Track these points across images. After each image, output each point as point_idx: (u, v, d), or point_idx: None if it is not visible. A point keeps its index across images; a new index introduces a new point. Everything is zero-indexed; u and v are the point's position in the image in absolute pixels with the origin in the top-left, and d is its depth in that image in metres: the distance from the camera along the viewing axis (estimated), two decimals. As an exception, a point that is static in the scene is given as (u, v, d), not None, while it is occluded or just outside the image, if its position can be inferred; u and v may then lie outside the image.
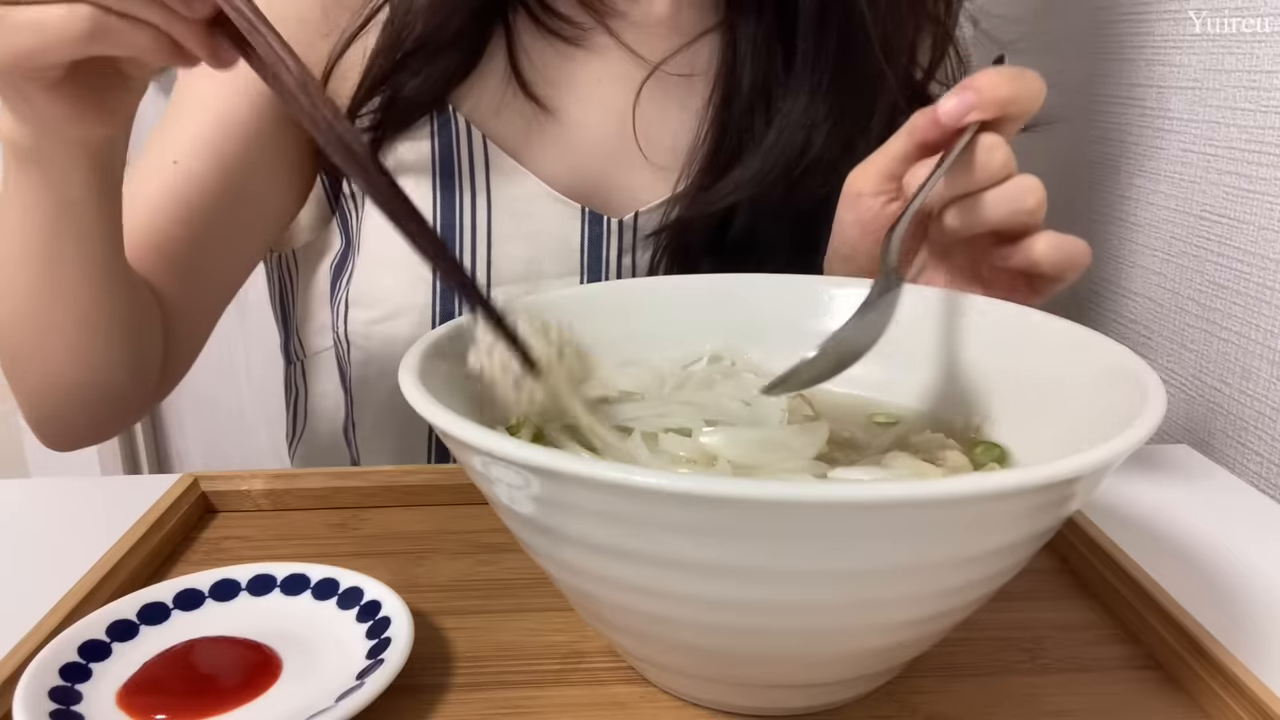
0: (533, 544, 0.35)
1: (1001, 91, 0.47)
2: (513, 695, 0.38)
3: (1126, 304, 0.81)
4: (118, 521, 0.49)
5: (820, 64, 0.65)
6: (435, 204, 0.65)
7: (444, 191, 0.65)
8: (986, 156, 0.47)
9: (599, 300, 0.49)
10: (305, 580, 0.43)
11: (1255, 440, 0.65)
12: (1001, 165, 0.47)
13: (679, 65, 0.67)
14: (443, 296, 0.66)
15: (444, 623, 0.43)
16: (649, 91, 0.67)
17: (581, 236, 0.67)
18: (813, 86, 0.65)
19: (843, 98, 0.65)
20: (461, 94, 0.65)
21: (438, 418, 0.33)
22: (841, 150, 0.64)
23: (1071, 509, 0.33)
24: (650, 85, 0.66)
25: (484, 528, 0.50)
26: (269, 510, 0.54)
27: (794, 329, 0.49)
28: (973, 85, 0.47)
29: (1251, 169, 0.65)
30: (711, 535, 0.29)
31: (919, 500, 0.28)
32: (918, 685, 0.39)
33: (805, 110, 0.65)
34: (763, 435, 0.40)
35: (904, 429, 0.44)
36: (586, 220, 0.67)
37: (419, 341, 0.40)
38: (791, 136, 0.65)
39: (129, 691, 0.36)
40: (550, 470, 0.29)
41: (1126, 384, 0.37)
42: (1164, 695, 0.39)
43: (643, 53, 0.66)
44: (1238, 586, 0.47)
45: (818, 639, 0.33)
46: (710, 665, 0.36)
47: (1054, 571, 0.47)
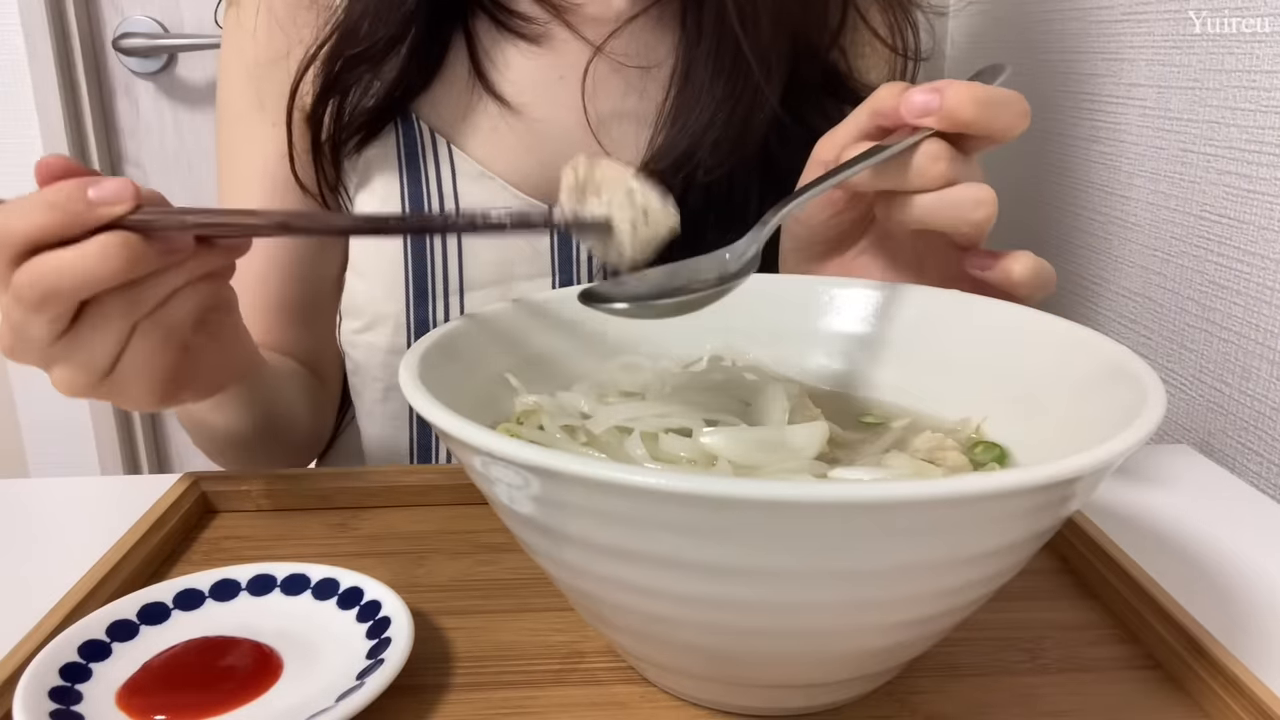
0: (533, 544, 0.35)
1: (965, 113, 0.45)
2: (513, 695, 0.38)
3: (1126, 304, 0.81)
4: (118, 521, 0.49)
5: (721, 46, 0.63)
6: (404, 212, 0.66)
7: (412, 200, 0.66)
8: (925, 163, 0.46)
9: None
10: (305, 580, 0.43)
11: (1255, 440, 0.65)
12: (937, 176, 0.46)
13: (639, 58, 0.66)
14: (416, 304, 0.66)
15: (444, 623, 0.43)
16: (610, 86, 0.66)
17: (551, 237, 0.67)
18: (713, 66, 0.64)
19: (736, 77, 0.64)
20: (426, 101, 0.66)
21: (438, 418, 0.33)
22: (740, 130, 0.64)
23: (1071, 509, 0.33)
24: (611, 80, 0.66)
25: (484, 528, 0.51)
26: (269, 510, 0.54)
27: (794, 329, 0.49)
28: (941, 91, 0.45)
29: (1251, 169, 0.65)
30: (711, 535, 0.29)
31: (919, 500, 0.28)
32: (918, 685, 0.39)
33: (711, 89, 0.64)
34: (763, 435, 0.40)
35: (904, 429, 0.44)
36: None
37: (419, 342, 0.40)
38: (708, 114, 0.64)
39: (129, 691, 0.36)
40: (550, 470, 0.29)
41: (1126, 384, 0.37)
42: (1164, 695, 0.39)
43: (604, 47, 0.66)
44: (1238, 586, 0.47)
45: (817, 639, 0.33)
46: (710, 665, 0.36)
47: (1054, 571, 0.47)
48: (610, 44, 0.66)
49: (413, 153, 0.66)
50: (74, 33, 1.32)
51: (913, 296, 0.48)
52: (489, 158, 0.66)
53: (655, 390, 0.45)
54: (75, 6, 1.32)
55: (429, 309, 0.67)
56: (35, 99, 1.31)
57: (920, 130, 0.46)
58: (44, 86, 1.31)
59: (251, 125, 0.68)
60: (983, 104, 0.45)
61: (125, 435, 1.46)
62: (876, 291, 0.48)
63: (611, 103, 0.67)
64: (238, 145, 0.70)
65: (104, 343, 0.42)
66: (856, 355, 0.48)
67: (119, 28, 1.35)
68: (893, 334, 0.48)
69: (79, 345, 0.42)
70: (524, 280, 0.67)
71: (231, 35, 0.69)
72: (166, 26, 1.36)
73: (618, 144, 0.67)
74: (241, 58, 0.68)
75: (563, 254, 0.67)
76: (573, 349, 0.47)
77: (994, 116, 0.46)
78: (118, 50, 1.35)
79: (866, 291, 0.49)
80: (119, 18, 1.36)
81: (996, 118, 0.46)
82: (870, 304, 0.48)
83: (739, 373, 0.47)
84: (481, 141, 0.66)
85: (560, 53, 0.66)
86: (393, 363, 0.68)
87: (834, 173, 0.46)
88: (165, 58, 1.37)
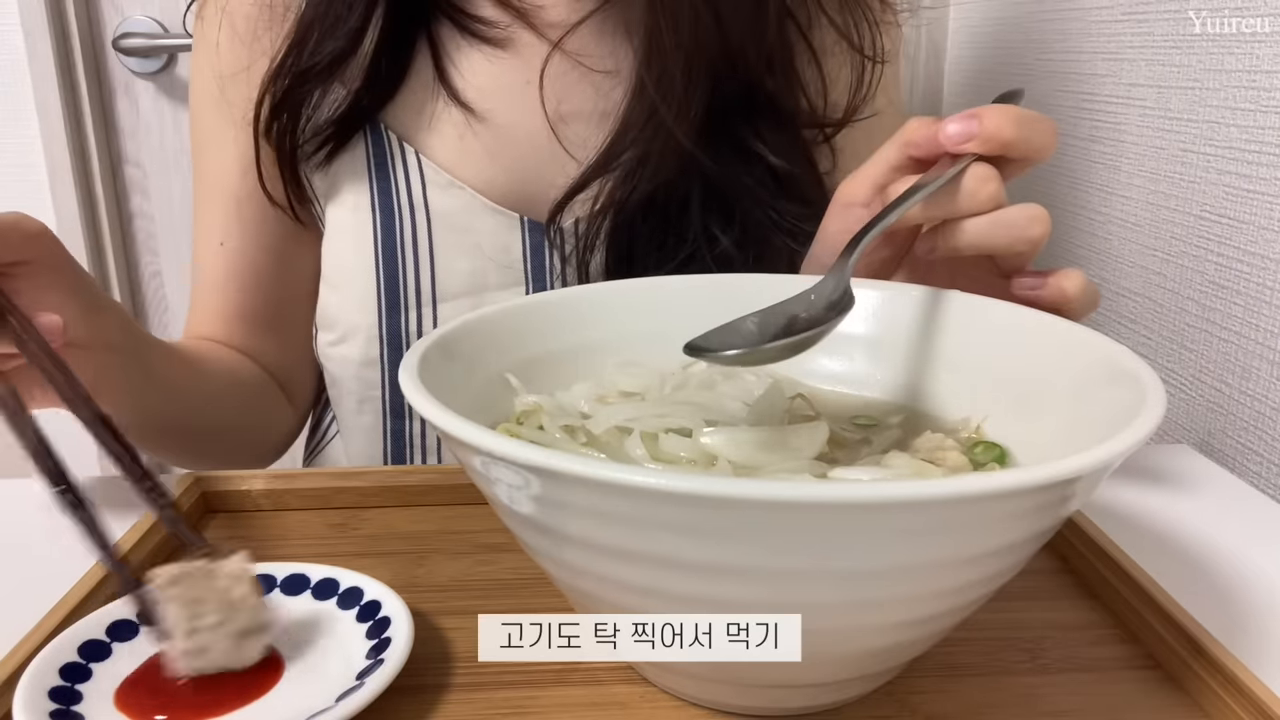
0: (533, 544, 0.35)
1: (1006, 133, 0.45)
2: (513, 695, 0.38)
3: (1126, 304, 0.81)
4: (118, 521, 0.49)
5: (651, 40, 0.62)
6: (375, 223, 0.66)
7: (383, 212, 0.66)
8: (976, 185, 0.45)
9: (600, 300, 0.49)
10: (305, 580, 0.43)
11: (1255, 440, 0.65)
12: (989, 197, 0.45)
13: (603, 62, 0.65)
14: (388, 315, 0.66)
15: (444, 623, 0.43)
16: (572, 88, 0.66)
17: (523, 246, 0.66)
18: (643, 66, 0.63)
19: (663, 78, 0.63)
20: (391, 110, 0.65)
21: (438, 418, 0.33)
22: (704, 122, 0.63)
23: (1071, 509, 0.33)
24: (577, 85, 0.65)
25: (484, 528, 0.50)
26: (269, 510, 0.54)
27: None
28: (978, 116, 0.46)
29: (1251, 169, 0.65)
30: (711, 535, 0.29)
31: (919, 500, 0.28)
32: (918, 685, 0.39)
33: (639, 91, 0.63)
34: (763, 435, 0.40)
35: (904, 429, 0.44)
36: (526, 229, 0.66)
37: (419, 342, 0.40)
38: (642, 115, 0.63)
39: (129, 691, 0.36)
40: (550, 470, 0.29)
41: (1126, 384, 0.37)
42: (1164, 695, 0.39)
43: (569, 50, 0.65)
44: (1238, 586, 0.47)
45: (817, 639, 0.33)
46: (710, 665, 0.35)
47: (1054, 571, 0.47)
48: (573, 45, 0.65)
49: (381, 162, 0.66)
50: (74, 33, 1.32)
51: (913, 296, 0.48)
52: (455, 165, 0.66)
53: (655, 390, 0.45)
54: (75, 6, 1.32)
55: (401, 320, 0.66)
56: (35, 99, 1.31)
57: (960, 159, 0.46)
58: (44, 86, 1.31)
59: (217, 138, 0.69)
60: (1020, 124, 0.45)
61: (125, 435, 1.46)
62: (877, 291, 0.48)
63: (573, 104, 0.66)
64: (206, 156, 0.70)
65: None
66: (856, 355, 0.48)
67: (119, 28, 1.35)
68: (893, 334, 0.48)
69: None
70: (496, 290, 0.66)
71: (198, 46, 0.70)
72: (166, 26, 1.36)
73: (575, 145, 0.66)
74: (206, 69, 0.68)
75: (535, 263, 0.67)
76: (573, 349, 0.47)
77: (1031, 135, 0.46)
78: (118, 50, 1.35)
79: (867, 292, 0.49)
80: (119, 18, 1.36)
81: (1034, 136, 0.46)
82: (870, 304, 0.48)
83: (739, 373, 0.47)
84: (448, 149, 0.66)
85: (524, 56, 0.66)
86: (366, 375, 0.68)
87: (891, 208, 0.45)
88: (165, 58, 1.37)
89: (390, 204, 0.66)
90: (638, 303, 0.49)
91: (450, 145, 0.66)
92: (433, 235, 0.66)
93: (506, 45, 0.66)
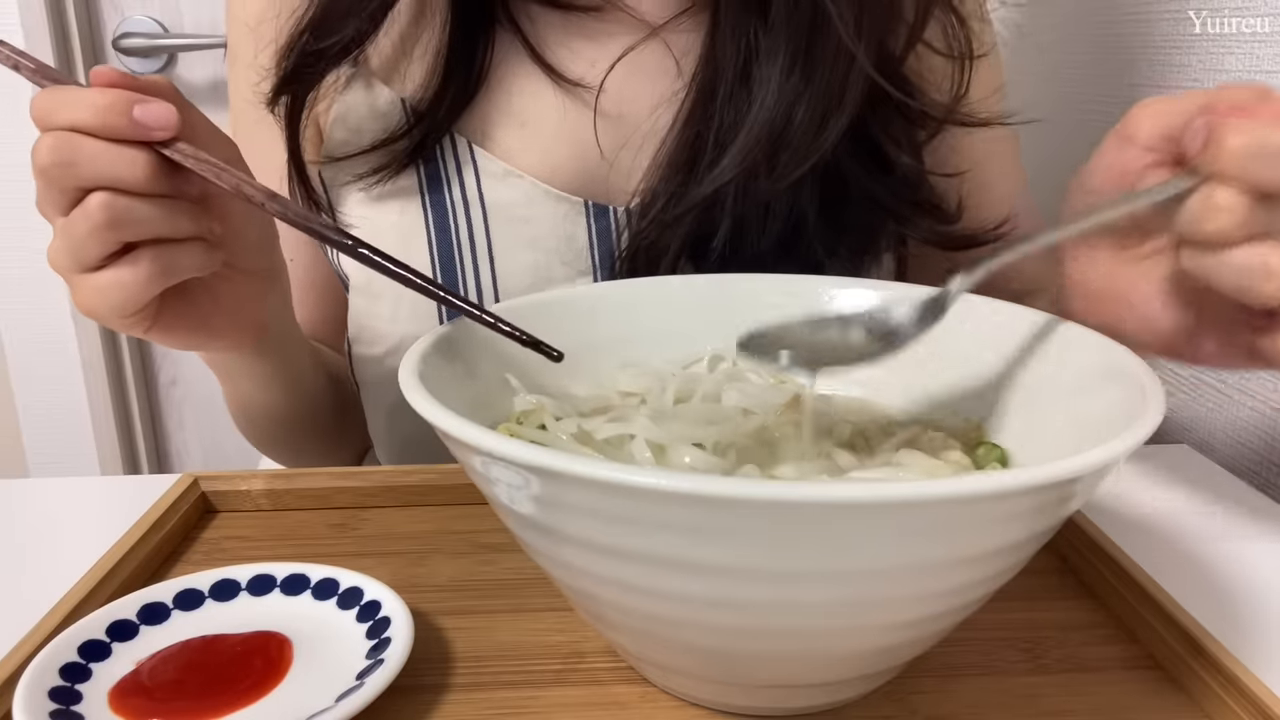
0: (533, 544, 0.35)
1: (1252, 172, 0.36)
2: (513, 695, 0.38)
3: (1126, 304, 0.80)
4: (118, 521, 0.49)
5: (795, 35, 0.59)
6: (428, 225, 0.62)
7: (434, 210, 0.62)
8: (1203, 212, 0.37)
9: (600, 299, 0.49)
10: (305, 580, 0.43)
11: (1255, 440, 0.65)
12: (1216, 231, 0.37)
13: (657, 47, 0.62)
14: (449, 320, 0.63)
15: (444, 623, 0.43)
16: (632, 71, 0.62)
17: (589, 232, 0.62)
18: (790, 58, 0.59)
19: (816, 69, 0.59)
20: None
21: (438, 418, 0.33)
22: (817, 129, 0.59)
23: (1071, 509, 0.33)
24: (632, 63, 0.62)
25: (484, 528, 0.51)
26: (269, 510, 0.54)
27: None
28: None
29: (1251, 169, 0.65)
30: (711, 535, 0.29)
31: (919, 500, 0.28)
32: (918, 685, 0.39)
33: (782, 82, 0.59)
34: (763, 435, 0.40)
35: (906, 431, 0.44)
36: (591, 214, 0.62)
37: (419, 342, 0.40)
38: (772, 111, 0.59)
39: (128, 692, 0.36)
40: (550, 470, 0.29)
41: (1126, 384, 0.37)
42: (1164, 695, 0.39)
43: (662, 30, 0.61)
44: (1237, 586, 0.47)
45: (818, 639, 0.33)
46: (710, 665, 0.36)
47: (1054, 571, 0.47)
48: (667, 34, 0.61)
49: (429, 157, 0.62)
50: (74, 33, 1.32)
51: (913, 297, 0.48)
52: (511, 153, 0.62)
53: (656, 391, 0.45)
54: (75, 6, 1.32)
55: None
56: (35, 99, 1.31)
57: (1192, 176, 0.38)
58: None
59: (260, 147, 0.65)
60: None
61: (125, 435, 1.46)
62: (877, 292, 0.48)
63: (660, 90, 0.62)
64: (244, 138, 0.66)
65: (101, 235, 0.43)
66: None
67: (119, 28, 1.35)
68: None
69: (73, 226, 0.43)
70: (563, 282, 0.62)
71: (232, 47, 0.67)
72: (166, 26, 1.36)
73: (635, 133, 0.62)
74: (242, 81, 0.65)
75: (602, 248, 0.63)
76: (573, 349, 0.47)
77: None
78: (118, 50, 1.35)
79: (867, 292, 0.49)
80: (119, 18, 1.36)
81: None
82: (871, 305, 0.48)
83: (741, 374, 0.47)
84: (504, 136, 0.62)
85: (613, 35, 0.62)
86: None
87: (1094, 211, 0.40)
88: (165, 58, 1.37)
89: (442, 201, 0.62)
90: (638, 303, 0.49)
91: (507, 132, 0.62)
92: (490, 231, 0.62)
93: (596, 25, 0.62)
